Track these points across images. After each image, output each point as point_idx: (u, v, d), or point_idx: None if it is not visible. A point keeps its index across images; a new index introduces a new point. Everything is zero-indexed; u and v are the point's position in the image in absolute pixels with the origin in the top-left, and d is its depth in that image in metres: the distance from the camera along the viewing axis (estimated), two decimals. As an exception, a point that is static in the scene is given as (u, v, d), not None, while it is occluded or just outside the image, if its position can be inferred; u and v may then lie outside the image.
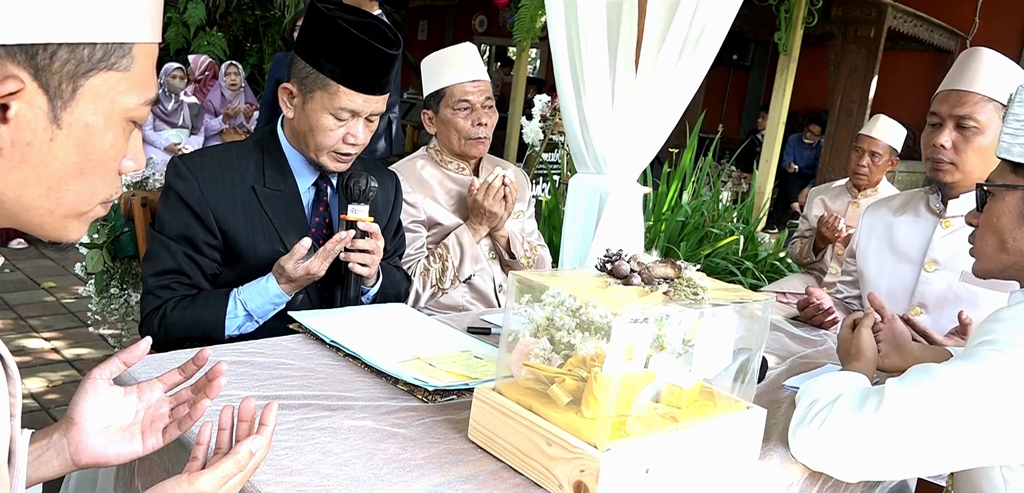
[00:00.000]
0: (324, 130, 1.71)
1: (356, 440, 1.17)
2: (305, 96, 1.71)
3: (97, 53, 0.70)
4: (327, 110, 1.70)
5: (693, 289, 1.17)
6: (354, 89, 1.68)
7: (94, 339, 3.75)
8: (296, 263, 1.68)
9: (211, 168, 1.74)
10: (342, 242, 1.72)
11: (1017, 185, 1.32)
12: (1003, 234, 1.34)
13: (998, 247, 1.35)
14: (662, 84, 2.25)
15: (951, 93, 1.97)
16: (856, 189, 3.77)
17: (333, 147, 1.74)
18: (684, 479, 1.17)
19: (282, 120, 1.83)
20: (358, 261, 1.76)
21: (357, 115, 1.72)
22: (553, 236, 4.21)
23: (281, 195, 1.79)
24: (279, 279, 1.71)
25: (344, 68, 1.67)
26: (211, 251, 1.74)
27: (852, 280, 2.32)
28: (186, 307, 1.71)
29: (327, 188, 1.86)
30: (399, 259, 2.11)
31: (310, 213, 1.84)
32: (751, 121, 9.56)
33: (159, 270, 1.72)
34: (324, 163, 1.77)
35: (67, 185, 0.73)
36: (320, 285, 1.80)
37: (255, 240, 1.75)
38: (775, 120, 5.74)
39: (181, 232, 1.71)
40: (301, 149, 1.79)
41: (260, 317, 1.74)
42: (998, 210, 1.35)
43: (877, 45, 6.90)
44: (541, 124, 4.80)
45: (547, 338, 1.15)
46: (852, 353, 1.54)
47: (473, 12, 12.29)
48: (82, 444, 0.94)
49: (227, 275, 1.77)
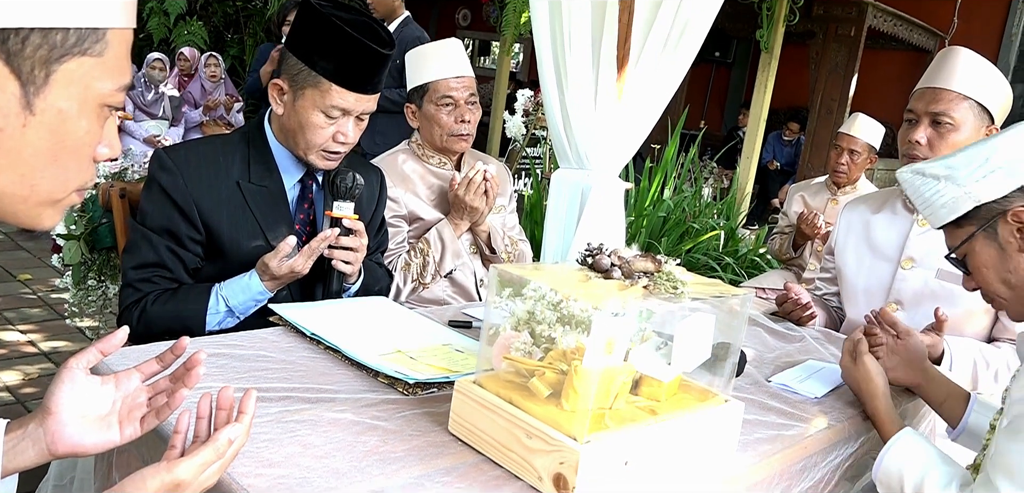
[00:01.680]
0: (314, 128, 1.70)
1: (337, 432, 1.17)
2: (296, 93, 1.69)
3: (70, 38, 0.70)
4: (318, 108, 1.68)
5: (673, 283, 1.18)
6: (346, 88, 1.67)
7: (71, 332, 3.71)
8: (280, 261, 1.66)
9: (196, 162, 1.72)
10: (326, 240, 1.71)
11: (969, 234, 1.36)
12: (1000, 277, 1.35)
13: (1007, 288, 1.36)
14: (645, 80, 2.26)
15: (927, 90, 2.00)
16: (836, 186, 3.81)
17: (322, 145, 1.72)
18: (663, 471, 1.18)
19: (269, 115, 1.82)
20: (342, 259, 1.75)
21: (348, 114, 1.70)
22: (535, 231, 4.22)
23: (266, 191, 1.77)
24: (262, 276, 1.70)
25: (337, 66, 1.65)
26: (194, 245, 1.72)
27: (831, 277, 2.35)
28: (166, 301, 1.70)
29: (312, 185, 1.85)
30: (381, 255, 2.11)
31: (295, 210, 1.82)
32: (733, 118, 9.62)
33: (140, 263, 1.70)
34: (312, 161, 1.75)
35: (41, 172, 0.72)
36: (302, 281, 1.79)
37: (239, 236, 1.74)
38: (756, 117, 5.79)
39: (164, 225, 1.69)
40: (289, 146, 1.78)
41: (241, 313, 1.73)
42: (978, 263, 1.37)
43: (857, 44, 6.98)
44: (524, 119, 4.80)
45: (528, 332, 1.15)
46: (863, 389, 1.55)
47: (457, 6, 12.27)
48: (58, 433, 0.93)
49: (209, 270, 1.76)
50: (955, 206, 1.36)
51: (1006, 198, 1.31)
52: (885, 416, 1.47)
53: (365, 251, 1.80)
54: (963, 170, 1.34)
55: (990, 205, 1.33)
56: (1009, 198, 1.31)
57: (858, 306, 2.17)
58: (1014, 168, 1.31)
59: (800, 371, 1.75)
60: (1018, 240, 1.31)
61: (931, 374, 1.65)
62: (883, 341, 1.69)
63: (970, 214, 1.35)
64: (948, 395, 1.58)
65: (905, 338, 1.68)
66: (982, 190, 1.33)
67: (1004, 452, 1.20)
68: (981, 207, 1.34)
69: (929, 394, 1.65)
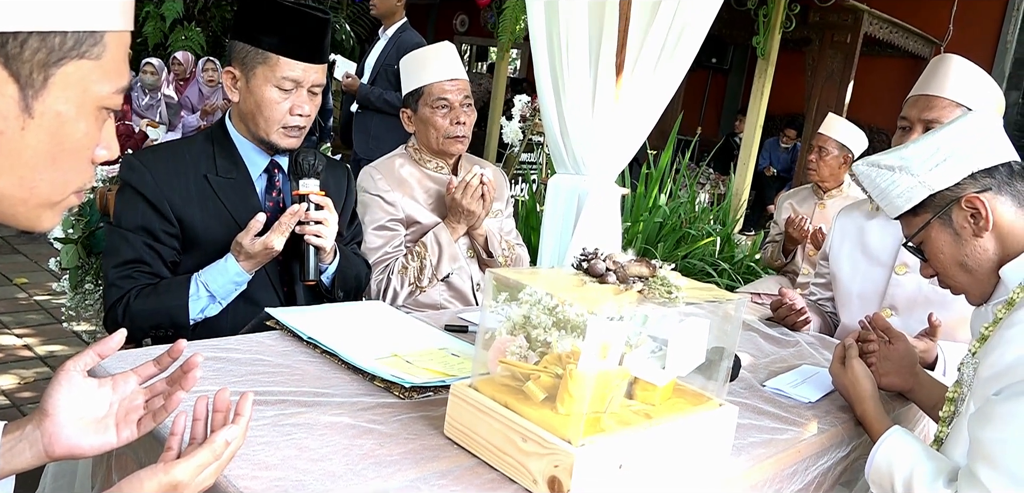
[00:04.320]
0: (270, 103, 1.75)
1: (333, 436, 1.18)
2: (247, 75, 1.76)
3: (68, 41, 0.70)
4: (270, 83, 1.74)
5: (667, 288, 1.18)
6: (294, 57, 1.73)
7: (67, 336, 3.71)
8: (252, 239, 1.70)
9: (164, 159, 1.78)
10: (296, 215, 1.74)
11: (925, 222, 1.40)
12: (957, 261, 1.40)
13: (963, 272, 1.41)
14: (641, 86, 2.27)
15: (920, 98, 2.01)
16: (821, 190, 3.83)
17: (281, 121, 1.77)
18: (657, 475, 1.19)
19: (229, 113, 1.87)
20: (313, 233, 1.78)
21: (299, 85, 1.76)
22: (532, 236, 4.23)
23: (233, 182, 1.82)
24: (238, 257, 1.73)
25: (281, 38, 1.72)
26: (170, 239, 1.77)
27: (825, 282, 2.36)
28: (149, 295, 1.73)
29: (278, 173, 1.89)
30: (358, 245, 2.15)
31: (263, 198, 1.87)
32: (729, 124, 9.63)
33: (120, 261, 1.74)
34: (275, 141, 1.79)
35: (40, 174, 0.73)
36: (279, 262, 1.83)
37: (211, 224, 1.78)
38: (752, 123, 5.80)
39: (139, 223, 1.74)
40: (250, 134, 1.82)
41: (223, 298, 1.77)
42: (934, 250, 1.42)
43: (853, 51, 6.99)
44: (520, 124, 4.81)
45: (523, 336, 1.16)
46: (851, 392, 1.56)
47: (454, 12, 12.28)
48: (55, 436, 0.94)
49: (187, 263, 1.80)
50: (910, 195, 1.40)
51: (958, 185, 1.37)
52: (874, 418, 1.49)
53: (336, 226, 1.83)
54: (916, 160, 1.39)
55: (944, 193, 1.38)
56: (961, 185, 1.36)
57: (852, 311, 2.18)
58: (964, 156, 1.36)
59: (794, 376, 1.76)
60: (972, 225, 1.36)
61: (923, 379, 1.67)
62: (876, 346, 1.70)
63: (925, 203, 1.40)
64: (940, 399, 1.60)
65: (897, 343, 1.69)
66: (935, 179, 1.38)
67: (979, 441, 1.22)
68: (935, 195, 1.38)
69: (921, 398, 1.66)
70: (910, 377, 1.67)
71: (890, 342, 1.70)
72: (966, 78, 1.97)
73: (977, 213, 1.35)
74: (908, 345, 1.70)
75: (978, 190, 1.36)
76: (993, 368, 1.25)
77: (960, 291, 1.45)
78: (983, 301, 1.43)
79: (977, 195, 1.35)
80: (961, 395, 1.39)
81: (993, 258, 1.37)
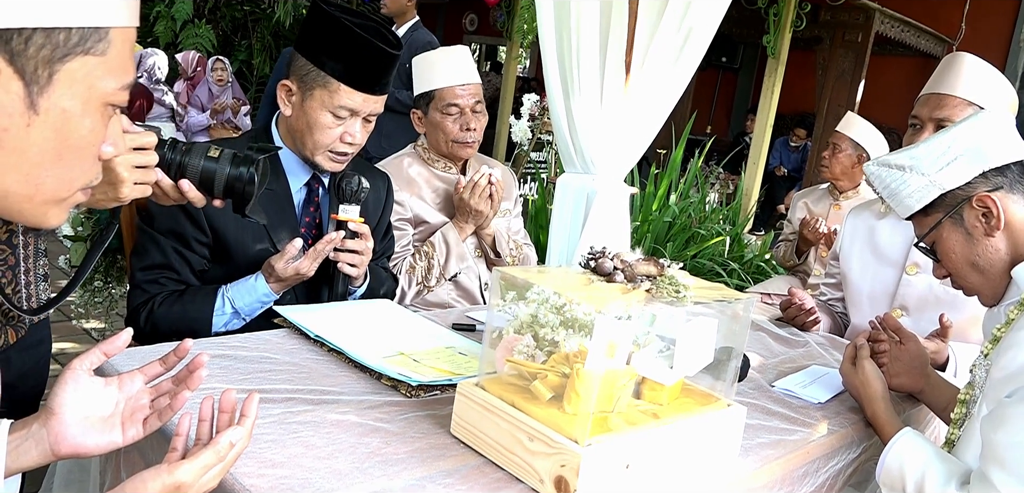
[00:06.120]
0: (322, 128, 1.71)
1: (339, 434, 1.18)
2: (305, 93, 1.71)
3: (73, 37, 0.70)
4: (326, 108, 1.69)
5: (675, 287, 1.17)
6: (355, 88, 1.68)
7: (76, 333, 3.73)
8: (286, 263, 1.68)
9: None
10: (332, 243, 1.72)
11: (937, 221, 1.40)
12: (968, 261, 1.39)
13: (975, 272, 1.40)
14: (650, 85, 2.26)
15: (932, 96, 2.00)
16: (837, 190, 3.80)
17: (330, 146, 1.73)
18: (664, 475, 1.18)
19: (276, 119, 1.83)
20: (347, 261, 1.76)
21: (355, 114, 1.72)
22: (540, 235, 4.22)
23: (272, 194, 1.77)
24: (268, 278, 1.71)
25: (346, 66, 1.67)
26: (200, 247, 1.73)
27: (835, 283, 2.34)
28: (174, 303, 1.71)
29: (319, 189, 1.86)
30: (387, 260, 2.11)
31: (301, 213, 1.83)
32: (739, 123, 9.60)
33: (147, 265, 1.72)
34: (319, 162, 1.76)
35: (46, 171, 0.73)
36: (307, 284, 1.80)
37: (245, 238, 1.75)
38: (763, 123, 5.77)
39: (171, 227, 1.71)
40: (296, 148, 1.79)
41: (247, 315, 1.74)
42: (946, 250, 1.41)
43: (864, 50, 6.95)
44: (529, 123, 4.81)
45: (531, 335, 1.15)
46: (862, 393, 1.55)
47: (464, 11, 12.28)
48: (61, 434, 0.94)
49: (216, 272, 1.77)
50: (921, 195, 1.40)
51: (969, 184, 1.36)
52: (885, 419, 1.48)
53: (370, 255, 1.81)
54: (926, 160, 1.38)
55: (955, 192, 1.37)
56: (972, 184, 1.36)
57: (863, 312, 2.16)
58: (976, 155, 1.35)
59: (803, 376, 1.75)
60: (983, 225, 1.35)
61: (933, 380, 1.65)
62: (886, 347, 1.69)
63: (936, 202, 1.39)
64: (950, 400, 1.58)
65: (908, 344, 1.68)
66: (946, 178, 1.37)
67: (991, 444, 1.21)
68: (946, 194, 1.38)
69: (932, 399, 1.65)
70: (921, 378, 1.65)
71: (901, 343, 1.69)
72: (978, 77, 1.95)
73: (989, 212, 1.34)
74: (919, 346, 1.68)
75: (990, 189, 1.35)
76: (1005, 370, 1.23)
77: (973, 292, 1.44)
78: (996, 302, 1.42)
79: (989, 194, 1.34)
80: (973, 397, 1.37)
81: (1005, 258, 1.36)
